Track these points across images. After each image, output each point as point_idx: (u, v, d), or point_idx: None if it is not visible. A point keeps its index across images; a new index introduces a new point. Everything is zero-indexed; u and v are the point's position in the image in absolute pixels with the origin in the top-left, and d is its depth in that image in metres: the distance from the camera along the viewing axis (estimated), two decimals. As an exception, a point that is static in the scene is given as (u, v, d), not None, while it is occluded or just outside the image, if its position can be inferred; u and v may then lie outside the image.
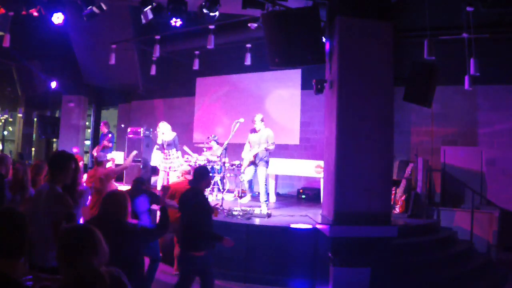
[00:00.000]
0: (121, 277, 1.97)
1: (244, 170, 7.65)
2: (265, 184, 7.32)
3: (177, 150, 8.63)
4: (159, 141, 8.58)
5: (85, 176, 6.33)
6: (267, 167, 7.48)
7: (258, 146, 7.27)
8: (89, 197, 4.90)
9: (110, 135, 10.17)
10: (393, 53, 5.29)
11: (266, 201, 7.30)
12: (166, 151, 8.52)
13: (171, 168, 8.43)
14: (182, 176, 6.30)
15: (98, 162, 6.09)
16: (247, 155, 7.49)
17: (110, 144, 10.06)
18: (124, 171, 9.88)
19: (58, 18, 6.13)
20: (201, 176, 4.39)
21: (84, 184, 5.96)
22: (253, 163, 7.41)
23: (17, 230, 1.78)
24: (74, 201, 3.45)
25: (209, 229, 4.29)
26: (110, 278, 1.89)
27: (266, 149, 7.20)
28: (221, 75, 11.71)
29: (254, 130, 7.51)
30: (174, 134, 8.64)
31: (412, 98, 5.42)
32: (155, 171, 9.94)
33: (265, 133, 7.34)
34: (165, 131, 8.55)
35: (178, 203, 4.55)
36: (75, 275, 1.82)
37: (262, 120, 7.47)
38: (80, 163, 6.78)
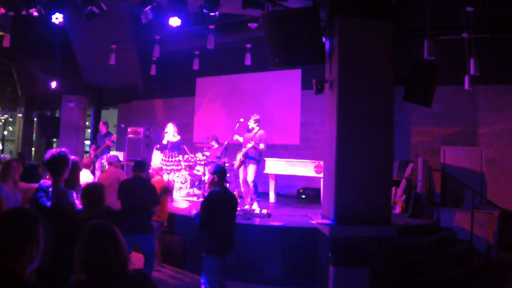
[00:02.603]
0: (145, 282, 1.93)
1: (237, 169, 7.68)
2: (253, 182, 7.33)
3: (178, 154, 8.64)
4: (164, 142, 8.58)
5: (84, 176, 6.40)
6: (257, 165, 7.45)
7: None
8: None
9: (115, 135, 10.17)
10: (393, 53, 5.28)
11: (257, 198, 7.34)
12: (169, 152, 8.55)
13: (172, 170, 8.43)
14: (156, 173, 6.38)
15: (110, 163, 6.38)
16: (238, 155, 7.54)
17: (112, 144, 10.09)
18: (125, 170, 9.89)
19: (57, 18, 6.12)
20: (225, 174, 4.40)
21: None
22: (243, 162, 7.44)
23: (26, 229, 1.79)
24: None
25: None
26: (130, 281, 1.87)
27: (254, 148, 7.24)
28: (221, 75, 11.71)
29: (248, 129, 7.57)
30: (179, 137, 8.67)
31: (412, 98, 5.42)
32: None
33: (258, 133, 7.39)
34: (170, 132, 8.59)
35: (217, 202, 4.21)
36: (92, 273, 1.80)
37: (256, 121, 7.51)
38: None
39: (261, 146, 7.24)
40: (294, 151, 10.33)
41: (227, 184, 4.54)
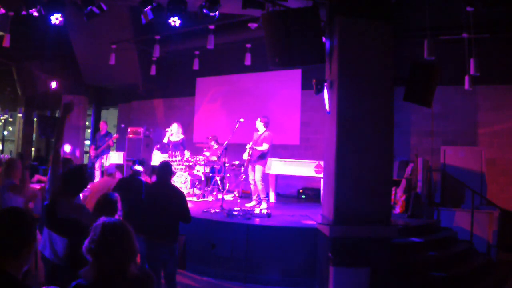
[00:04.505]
0: (148, 281, 1.93)
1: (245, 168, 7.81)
2: (261, 182, 7.44)
3: (181, 153, 8.63)
4: (165, 140, 8.58)
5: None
6: (263, 165, 7.56)
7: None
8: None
9: (116, 134, 10.17)
10: (393, 53, 5.28)
11: (265, 197, 7.48)
12: (170, 152, 8.56)
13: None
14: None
15: (109, 174, 6.29)
16: (244, 155, 7.65)
17: (112, 144, 10.11)
18: (125, 171, 9.88)
19: (57, 18, 6.12)
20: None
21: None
22: (250, 161, 7.54)
23: (23, 231, 1.76)
24: None
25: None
26: (135, 281, 1.86)
27: (254, 149, 7.33)
28: (221, 75, 11.71)
29: (257, 130, 7.67)
30: (182, 136, 8.67)
31: (412, 98, 5.42)
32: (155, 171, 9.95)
33: (262, 135, 7.46)
34: (174, 132, 8.58)
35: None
36: (99, 272, 1.79)
37: (261, 122, 7.58)
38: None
39: (262, 147, 7.32)
40: (294, 151, 10.33)
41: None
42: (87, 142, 15.20)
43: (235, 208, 7.01)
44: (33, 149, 16.58)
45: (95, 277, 1.79)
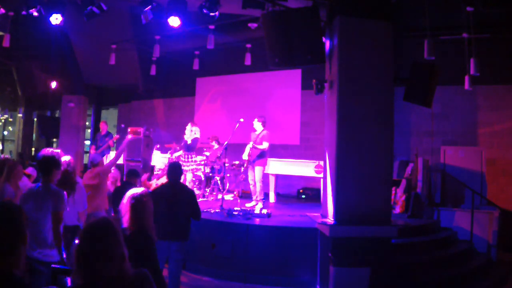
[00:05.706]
0: (145, 282, 1.88)
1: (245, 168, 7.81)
2: (260, 182, 7.45)
3: (195, 154, 8.59)
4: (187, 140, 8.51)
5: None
6: (263, 166, 7.57)
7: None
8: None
9: (116, 135, 10.17)
10: (393, 53, 5.28)
11: (263, 199, 7.47)
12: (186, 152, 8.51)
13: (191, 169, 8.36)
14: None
15: (94, 164, 6.18)
16: (244, 155, 7.67)
17: (113, 144, 10.11)
18: (125, 171, 9.87)
19: (56, 19, 6.12)
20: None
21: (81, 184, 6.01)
22: (249, 162, 7.54)
23: (15, 225, 1.74)
24: (68, 195, 3.77)
25: None
26: (128, 282, 1.82)
27: (255, 148, 7.38)
28: (221, 75, 11.71)
29: (254, 130, 7.68)
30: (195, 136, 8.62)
31: (412, 98, 5.42)
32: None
33: (261, 134, 7.47)
34: (188, 133, 8.53)
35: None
36: (85, 275, 1.75)
37: (259, 121, 7.58)
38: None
39: (263, 145, 7.33)
40: (294, 151, 10.33)
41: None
42: (87, 142, 15.20)
43: (235, 208, 7.01)
44: (33, 149, 16.58)
45: (82, 281, 1.76)
